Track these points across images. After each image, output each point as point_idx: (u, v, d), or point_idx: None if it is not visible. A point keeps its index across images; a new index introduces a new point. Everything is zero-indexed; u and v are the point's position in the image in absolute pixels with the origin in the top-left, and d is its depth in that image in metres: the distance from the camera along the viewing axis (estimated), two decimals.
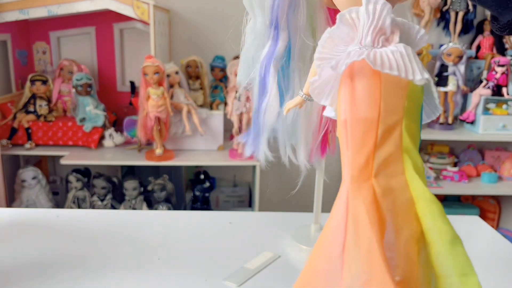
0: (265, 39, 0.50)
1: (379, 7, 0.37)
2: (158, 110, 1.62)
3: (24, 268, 0.75)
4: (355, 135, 0.37)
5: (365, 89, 0.37)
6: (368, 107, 0.37)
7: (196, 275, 0.75)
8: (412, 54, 0.36)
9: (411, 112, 0.37)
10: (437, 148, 2.21)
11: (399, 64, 0.36)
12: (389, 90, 0.37)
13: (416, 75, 0.35)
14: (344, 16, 0.38)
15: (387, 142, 0.37)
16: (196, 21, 2.08)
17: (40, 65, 2.06)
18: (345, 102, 0.38)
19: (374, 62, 0.35)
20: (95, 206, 1.82)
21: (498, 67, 1.96)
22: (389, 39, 0.37)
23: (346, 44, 0.39)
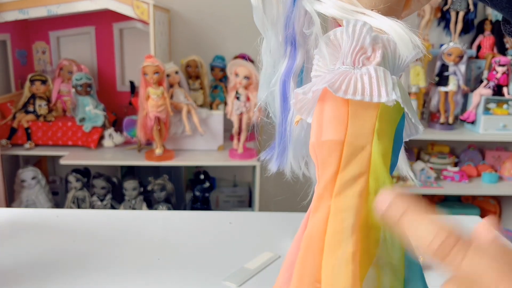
0: (280, 56, 0.50)
1: (358, 28, 0.37)
2: (158, 110, 1.62)
3: (23, 268, 0.75)
4: (321, 157, 0.38)
5: (332, 112, 0.38)
6: (334, 130, 0.37)
7: (196, 275, 0.75)
8: (383, 75, 0.37)
9: (383, 132, 0.37)
10: (437, 148, 2.20)
11: (364, 88, 0.36)
12: (358, 112, 0.37)
13: (382, 98, 0.36)
14: (329, 37, 0.40)
15: (352, 163, 0.37)
16: (196, 21, 2.08)
17: (39, 65, 2.06)
18: (314, 125, 0.39)
19: (337, 89, 0.36)
20: (95, 206, 1.82)
21: (499, 66, 1.96)
22: (370, 57, 0.38)
23: (334, 62, 0.40)
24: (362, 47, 0.38)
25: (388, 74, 0.37)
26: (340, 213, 0.36)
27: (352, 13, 0.40)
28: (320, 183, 0.38)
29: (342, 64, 0.39)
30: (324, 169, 0.38)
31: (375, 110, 0.37)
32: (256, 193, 1.83)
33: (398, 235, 0.34)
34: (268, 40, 0.51)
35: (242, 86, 1.64)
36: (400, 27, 0.38)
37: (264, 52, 0.52)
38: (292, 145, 0.54)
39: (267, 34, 0.50)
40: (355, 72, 0.37)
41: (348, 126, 0.37)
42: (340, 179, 0.37)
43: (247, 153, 1.75)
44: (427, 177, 2.01)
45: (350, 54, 0.38)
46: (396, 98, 0.36)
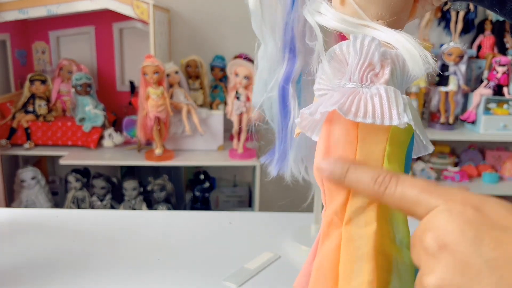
0: (278, 62, 0.49)
1: (367, 43, 0.36)
2: (157, 110, 1.62)
3: (23, 268, 0.75)
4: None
5: (341, 134, 0.36)
6: (343, 154, 0.36)
7: (196, 275, 0.75)
8: (393, 96, 0.35)
9: (394, 156, 0.36)
10: (438, 148, 2.20)
11: (375, 110, 0.35)
12: (368, 136, 0.36)
13: (393, 121, 0.34)
14: (334, 51, 0.38)
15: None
16: (196, 20, 2.07)
17: (39, 64, 2.06)
18: (320, 147, 0.38)
19: (347, 112, 0.35)
20: (95, 206, 1.82)
21: (499, 66, 1.96)
22: (378, 74, 0.36)
23: (340, 77, 0.38)
24: (370, 63, 0.36)
25: (399, 94, 0.36)
26: (353, 241, 0.35)
27: (356, 26, 0.39)
28: (329, 209, 0.37)
29: (349, 80, 0.37)
30: (333, 195, 0.37)
31: (385, 133, 0.36)
32: (256, 193, 1.82)
33: (410, 263, 0.34)
34: (265, 45, 0.50)
35: (242, 86, 1.63)
36: (409, 41, 0.37)
37: (260, 57, 0.51)
38: (293, 150, 0.53)
39: (265, 39, 0.50)
40: (364, 92, 0.36)
41: (357, 150, 0.36)
42: (351, 206, 0.36)
43: (247, 153, 1.75)
44: (427, 177, 2.01)
45: (357, 70, 0.37)
46: (408, 121, 0.34)
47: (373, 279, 0.33)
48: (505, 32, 2.13)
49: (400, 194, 0.30)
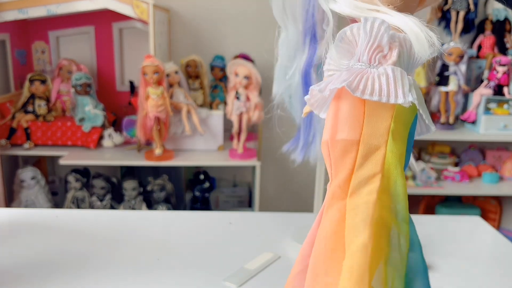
0: (298, 48, 0.50)
1: (376, 26, 0.37)
2: (157, 110, 1.61)
3: (23, 268, 0.75)
4: (335, 155, 0.38)
5: (348, 110, 0.38)
6: (350, 129, 0.38)
7: (196, 275, 0.75)
8: (400, 76, 0.37)
9: (398, 133, 0.38)
10: (438, 148, 2.20)
11: (382, 89, 0.36)
12: (374, 112, 0.37)
13: (398, 99, 0.36)
14: (345, 33, 0.39)
15: (367, 163, 0.37)
16: (196, 20, 2.07)
17: (39, 64, 2.05)
18: (328, 123, 0.39)
19: (355, 89, 0.36)
20: (94, 206, 1.82)
21: (500, 66, 1.96)
22: (386, 56, 0.38)
23: (349, 58, 0.40)
24: (379, 45, 0.38)
25: (405, 75, 0.37)
26: (355, 209, 0.37)
27: (368, 11, 0.40)
28: (334, 182, 0.39)
29: (358, 61, 0.39)
30: (338, 168, 0.38)
31: (390, 110, 0.37)
32: (256, 193, 1.82)
33: (406, 235, 0.36)
34: (287, 31, 0.50)
35: (242, 86, 1.63)
36: (417, 25, 0.38)
37: (281, 43, 0.52)
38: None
39: (286, 26, 0.50)
40: (372, 71, 0.37)
41: (363, 126, 0.37)
42: (355, 179, 0.37)
43: (247, 153, 1.75)
44: (427, 177, 2.00)
45: (366, 51, 0.38)
46: (412, 100, 0.36)
47: (369, 242, 0.35)
48: (505, 32, 2.13)
49: None
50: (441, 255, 0.86)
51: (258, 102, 1.66)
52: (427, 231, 0.97)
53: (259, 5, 2.05)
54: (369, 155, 0.37)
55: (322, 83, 0.40)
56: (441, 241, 0.93)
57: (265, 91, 1.90)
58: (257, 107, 1.66)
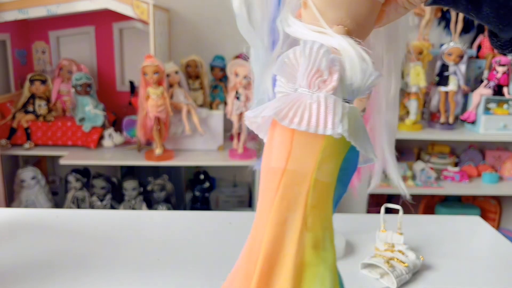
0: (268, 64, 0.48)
1: (315, 49, 0.36)
2: (157, 110, 1.61)
3: (23, 268, 0.75)
4: (263, 183, 0.38)
5: (279, 139, 0.37)
6: (277, 157, 0.37)
7: (196, 275, 0.75)
8: (332, 105, 0.35)
9: (326, 165, 0.36)
10: (438, 148, 2.20)
11: (311, 118, 0.35)
12: (302, 142, 0.36)
13: (327, 130, 0.35)
14: (288, 57, 0.38)
15: (289, 195, 0.36)
16: (196, 21, 2.07)
17: (39, 64, 2.05)
18: (265, 150, 0.39)
19: (283, 118, 0.35)
20: (95, 206, 1.82)
21: (499, 66, 1.96)
22: (326, 81, 0.36)
23: (294, 81, 0.39)
24: (318, 69, 0.36)
25: (339, 103, 0.36)
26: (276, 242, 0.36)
27: (312, 33, 0.39)
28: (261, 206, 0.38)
29: (299, 85, 0.38)
30: (266, 195, 0.38)
31: (320, 141, 0.36)
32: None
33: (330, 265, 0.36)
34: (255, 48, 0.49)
35: (242, 86, 1.63)
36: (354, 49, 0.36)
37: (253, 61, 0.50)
38: None
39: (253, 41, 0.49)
40: (305, 99, 0.36)
41: (290, 157, 0.36)
42: (278, 211, 0.36)
43: (247, 153, 1.75)
44: (427, 177, 2.00)
45: (306, 76, 0.37)
46: (341, 132, 0.35)
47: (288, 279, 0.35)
48: None
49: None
50: (441, 255, 0.86)
51: None
52: (427, 231, 0.97)
53: None
54: (292, 187, 0.36)
55: (257, 109, 0.39)
56: (441, 241, 0.93)
57: None
58: None
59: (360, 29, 0.40)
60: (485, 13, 0.38)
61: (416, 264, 0.79)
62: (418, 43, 1.95)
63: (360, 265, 0.80)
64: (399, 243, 0.83)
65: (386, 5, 0.42)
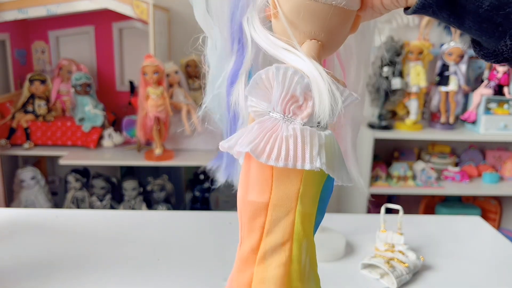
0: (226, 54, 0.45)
1: (289, 75, 0.35)
2: (157, 110, 1.61)
3: (23, 268, 0.75)
4: (246, 216, 0.37)
5: (258, 172, 0.37)
6: (259, 192, 0.36)
7: (196, 275, 0.74)
8: (309, 138, 0.35)
9: (307, 196, 0.36)
10: (438, 148, 2.20)
11: (288, 153, 0.34)
12: (282, 176, 0.36)
13: (305, 165, 0.34)
14: (261, 77, 0.37)
15: (275, 230, 0.36)
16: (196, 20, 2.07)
17: (39, 64, 2.05)
18: (241, 181, 0.38)
19: (260, 154, 0.35)
20: (94, 206, 1.81)
21: (500, 66, 1.96)
22: (302, 106, 0.36)
23: (267, 101, 0.37)
24: (293, 95, 0.35)
25: (315, 135, 0.35)
26: (262, 284, 0.36)
27: (282, 50, 0.37)
28: (246, 245, 0.38)
29: (273, 109, 0.37)
30: (250, 232, 0.37)
31: (300, 174, 0.36)
32: None
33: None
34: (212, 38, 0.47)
35: None
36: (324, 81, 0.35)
37: (210, 53, 0.47)
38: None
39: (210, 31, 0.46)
40: (282, 129, 0.35)
41: (272, 190, 0.36)
42: (264, 246, 0.36)
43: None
44: (427, 177, 2.00)
45: (280, 102, 0.36)
46: (319, 166, 0.34)
47: None
48: None
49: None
50: (441, 255, 0.86)
51: None
52: (427, 231, 0.97)
53: None
54: (277, 222, 0.36)
55: (232, 137, 0.38)
56: (441, 241, 0.92)
57: None
58: None
59: (334, 40, 0.39)
60: (467, 26, 0.37)
61: (417, 265, 0.79)
62: (418, 43, 1.94)
63: (360, 265, 0.80)
64: (399, 243, 0.82)
65: (361, 11, 0.40)
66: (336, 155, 0.37)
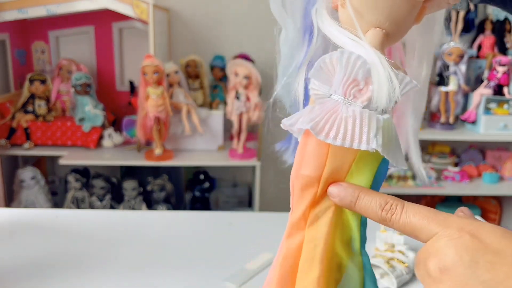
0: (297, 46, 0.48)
1: (352, 60, 0.36)
2: (157, 110, 1.61)
3: (23, 268, 0.75)
4: (297, 188, 0.40)
5: (314, 148, 0.39)
6: (313, 166, 0.39)
7: (196, 275, 0.75)
8: (367, 119, 0.37)
9: (359, 173, 0.38)
10: (438, 148, 2.20)
11: (346, 133, 0.36)
12: (337, 154, 0.38)
13: (361, 145, 0.36)
14: (324, 61, 0.38)
15: (324, 198, 0.39)
16: (196, 20, 2.07)
17: (39, 64, 2.05)
18: (297, 156, 0.40)
19: (319, 132, 0.37)
20: (94, 206, 1.81)
21: (500, 66, 1.96)
22: (362, 90, 0.37)
23: (329, 85, 0.39)
24: (354, 79, 0.37)
25: (374, 118, 0.37)
26: (312, 241, 0.39)
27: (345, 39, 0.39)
28: (295, 213, 0.40)
29: (334, 92, 0.38)
30: (300, 201, 0.40)
31: (354, 153, 0.38)
32: (256, 193, 1.82)
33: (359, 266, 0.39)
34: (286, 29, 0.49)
35: (242, 86, 1.63)
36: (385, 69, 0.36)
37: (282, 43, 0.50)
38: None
39: (285, 23, 0.48)
40: (342, 111, 0.37)
41: (325, 166, 0.38)
42: (313, 212, 0.39)
43: (247, 153, 1.75)
44: (428, 177, 2.00)
45: (341, 85, 0.37)
46: (375, 147, 0.36)
47: (320, 275, 0.37)
48: (505, 32, 2.13)
49: (404, 221, 0.33)
50: None
51: (258, 102, 1.66)
52: None
53: (259, 5, 2.05)
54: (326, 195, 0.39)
55: (293, 116, 0.40)
56: None
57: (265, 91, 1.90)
58: (257, 107, 1.66)
59: (398, 30, 0.40)
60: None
61: None
62: None
63: None
64: (399, 243, 0.82)
65: (427, 1, 0.41)
66: (393, 138, 0.39)
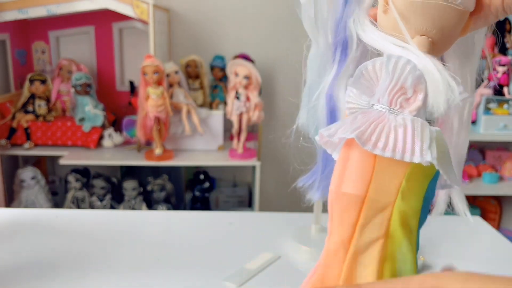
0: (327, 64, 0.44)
1: (401, 65, 0.33)
2: (157, 110, 1.61)
3: (23, 268, 0.75)
4: (338, 209, 0.35)
5: (357, 162, 0.34)
6: (356, 183, 0.34)
7: (196, 275, 0.75)
8: (420, 129, 0.32)
9: (411, 192, 0.34)
10: None
11: (397, 143, 0.32)
12: (385, 168, 0.33)
13: (414, 158, 0.32)
14: (366, 68, 0.35)
15: (370, 225, 0.34)
16: (196, 20, 2.07)
17: (39, 64, 2.05)
18: (336, 171, 0.36)
19: (366, 142, 0.32)
20: (94, 206, 1.82)
21: (499, 66, 1.96)
22: (410, 99, 0.33)
23: (369, 95, 0.36)
24: (402, 87, 0.33)
25: (427, 128, 0.33)
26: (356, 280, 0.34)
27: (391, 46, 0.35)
28: (334, 238, 0.35)
29: (377, 101, 0.34)
30: (341, 224, 0.35)
31: (404, 167, 0.33)
32: (256, 193, 1.82)
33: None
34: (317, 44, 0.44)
35: (242, 86, 1.63)
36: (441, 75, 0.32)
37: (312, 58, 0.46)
38: None
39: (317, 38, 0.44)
40: (390, 119, 0.33)
41: (371, 182, 0.34)
42: (357, 241, 0.34)
43: (247, 153, 1.75)
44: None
45: (387, 93, 0.34)
46: (430, 160, 0.32)
47: None
48: (505, 32, 2.13)
49: None
50: (441, 255, 0.86)
51: (258, 102, 1.66)
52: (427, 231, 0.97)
53: (259, 5, 2.05)
54: (373, 216, 0.34)
55: (332, 126, 0.36)
56: (441, 241, 0.92)
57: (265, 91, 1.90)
58: (257, 107, 1.66)
59: (444, 40, 0.36)
60: None
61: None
62: None
63: None
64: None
65: (475, 14, 0.37)
66: (446, 152, 0.34)
